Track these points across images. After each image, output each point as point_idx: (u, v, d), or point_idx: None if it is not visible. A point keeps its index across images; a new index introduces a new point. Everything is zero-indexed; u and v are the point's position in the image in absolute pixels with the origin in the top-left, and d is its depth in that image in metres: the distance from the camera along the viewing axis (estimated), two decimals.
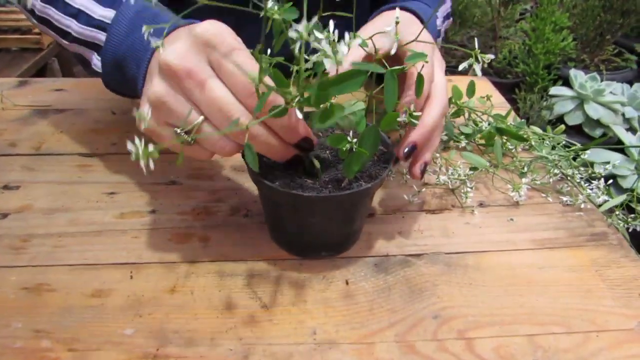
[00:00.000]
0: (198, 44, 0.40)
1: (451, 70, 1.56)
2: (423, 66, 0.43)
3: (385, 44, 0.45)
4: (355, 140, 0.41)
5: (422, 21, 0.57)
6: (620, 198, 0.56)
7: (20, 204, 0.54)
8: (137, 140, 0.30)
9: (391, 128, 0.42)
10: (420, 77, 0.42)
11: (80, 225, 0.52)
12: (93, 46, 0.53)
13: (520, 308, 0.45)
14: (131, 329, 0.41)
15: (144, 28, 0.37)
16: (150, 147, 0.29)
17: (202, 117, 0.40)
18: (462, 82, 0.71)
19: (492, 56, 0.38)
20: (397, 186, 0.59)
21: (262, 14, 0.33)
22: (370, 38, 0.41)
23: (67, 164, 0.61)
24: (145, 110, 0.40)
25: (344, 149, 0.40)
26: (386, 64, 0.39)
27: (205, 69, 0.40)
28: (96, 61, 0.53)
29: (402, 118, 0.43)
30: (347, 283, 0.46)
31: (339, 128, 0.47)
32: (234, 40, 0.40)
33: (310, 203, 0.42)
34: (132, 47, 0.48)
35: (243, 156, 0.41)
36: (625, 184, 1.01)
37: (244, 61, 0.39)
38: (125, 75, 0.49)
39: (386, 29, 0.39)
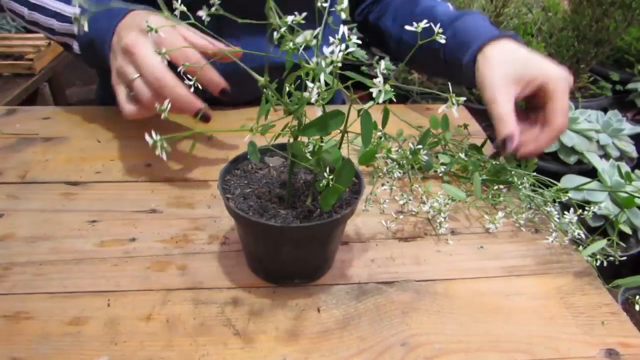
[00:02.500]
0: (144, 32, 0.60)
1: (433, 98, 1.60)
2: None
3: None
4: (331, 176, 0.42)
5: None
6: (601, 243, 0.56)
7: (3, 232, 0.55)
8: (153, 134, 0.38)
9: (370, 163, 0.44)
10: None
11: (61, 253, 0.53)
12: (72, 36, 0.73)
13: (486, 335, 0.46)
14: (106, 357, 0.42)
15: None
16: (165, 144, 0.38)
17: (137, 75, 0.59)
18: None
19: (464, 99, 0.40)
20: (371, 215, 0.61)
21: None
22: None
23: (51, 192, 0.63)
24: (112, 75, 0.65)
25: (321, 184, 0.42)
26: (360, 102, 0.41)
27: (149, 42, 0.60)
28: (76, 46, 0.73)
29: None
30: (318, 310, 0.48)
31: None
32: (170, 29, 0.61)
33: (282, 233, 0.44)
34: (96, 32, 0.66)
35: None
36: (600, 211, 1.04)
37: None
38: (96, 52, 0.68)
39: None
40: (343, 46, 0.30)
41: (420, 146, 0.57)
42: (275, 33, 0.37)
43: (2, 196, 0.62)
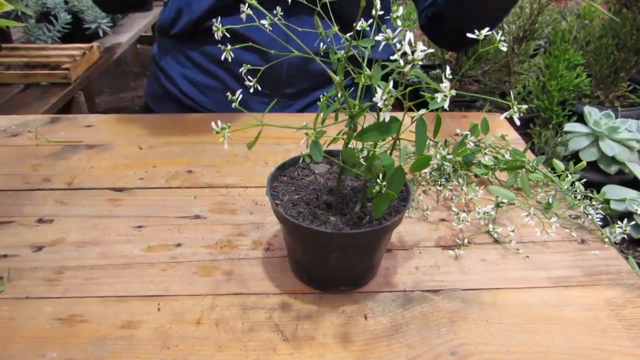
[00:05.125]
0: None
1: (466, 105, 1.58)
2: None
3: None
4: (384, 182, 0.42)
5: None
6: None
7: (54, 237, 0.57)
8: (219, 122, 0.39)
9: (422, 169, 0.44)
10: None
11: (110, 258, 0.54)
12: None
13: (536, 346, 0.45)
14: None
15: None
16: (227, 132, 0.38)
17: None
18: (477, 118, 0.73)
19: (526, 106, 0.40)
20: (413, 222, 0.61)
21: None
22: None
23: (97, 198, 0.64)
24: None
25: (374, 190, 0.42)
26: (413, 109, 0.41)
27: None
28: None
29: None
30: (365, 317, 0.47)
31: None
32: None
33: (332, 239, 0.44)
34: None
35: None
36: None
37: None
38: None
39: None
40: (420, 45, 0.30)
41: (467, 132, 0.56)
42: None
43: (51, 202, 0.63)
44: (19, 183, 0.67)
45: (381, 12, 0.37)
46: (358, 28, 0.38)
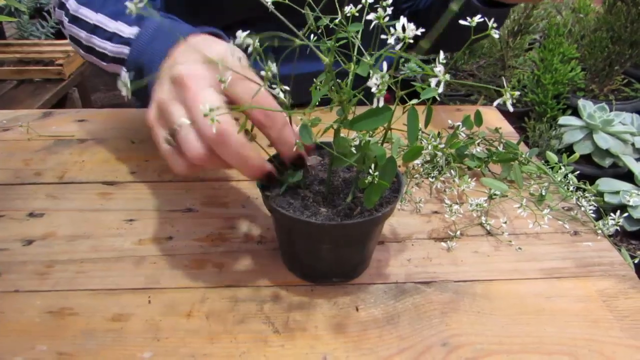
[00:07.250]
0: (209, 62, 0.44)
1: (461, 99, 1.58)
2: None
3: None
4: (376, 173, 0.42)
5: None
6: None
7: (44, 230, 0.57)
8: (207, 105, 0.37)
9: (414, 160, 0.44)
10: None
11: (101, 251, 0.54)
12: (122, 61, 0.61)
13: (528, 337, 0.45)
14: (149, 353, 0.42)
15: None
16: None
17: (187, 121, 0.43)
18: (471, 111, 0.73)
19: (518, 93, 0.40)
20: (406, 214, 0.61)
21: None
22: None
23: (88, 192, 0.64)
24: (151, 109, 0.46)
25: (366, 181, 0.42)
26: (406, 99, 0.41)
27: (211, 78, 0.44)
28: (123, 73, 0.57)
29: None
30: (357, 309, 0.47)
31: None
32: (239, 66, 0.43)
33: (323, 231, 0.44)
34: (152, 55, 0.54)
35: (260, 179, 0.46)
36: (636, 214, 1.02)
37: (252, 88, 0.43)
38: (143, 79, 0.53)
39: None
40: (412, 26, 0.30)
41: (459, 123, 0.56)
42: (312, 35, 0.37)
43: (42, 196, 0.63)
44: (10, 177, 0.67)
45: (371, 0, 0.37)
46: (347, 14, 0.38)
